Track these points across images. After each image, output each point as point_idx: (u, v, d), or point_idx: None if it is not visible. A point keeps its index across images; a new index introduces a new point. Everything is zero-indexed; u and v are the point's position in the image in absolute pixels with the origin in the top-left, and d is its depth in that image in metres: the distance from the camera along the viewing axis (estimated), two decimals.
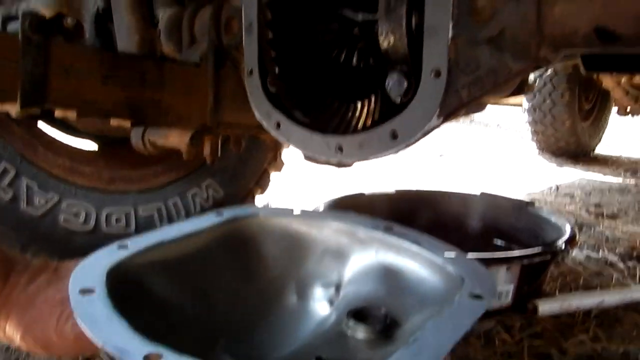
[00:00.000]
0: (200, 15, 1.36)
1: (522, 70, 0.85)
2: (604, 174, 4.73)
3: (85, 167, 1.66)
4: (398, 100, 0.96)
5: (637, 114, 4.76)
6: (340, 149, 1.05)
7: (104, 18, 1.46)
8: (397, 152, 1.01)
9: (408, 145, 0.98)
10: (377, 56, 1.09)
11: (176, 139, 1.29)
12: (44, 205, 1.56)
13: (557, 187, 4.09)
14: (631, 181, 4.42)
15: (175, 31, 1.45)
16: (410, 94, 0.96)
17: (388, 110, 1.09)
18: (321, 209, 1.85)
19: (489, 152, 5.83)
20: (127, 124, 1.15)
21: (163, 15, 1.52)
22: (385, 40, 0.94)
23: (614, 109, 5.03)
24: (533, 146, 5.36)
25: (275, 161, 2.11)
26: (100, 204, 1.66)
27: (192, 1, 1.61)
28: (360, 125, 1.12)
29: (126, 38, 1.27)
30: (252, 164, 2.02)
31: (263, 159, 2.05)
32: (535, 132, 5.14)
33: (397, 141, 0.96)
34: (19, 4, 1.28)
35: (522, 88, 1.28)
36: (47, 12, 1.08)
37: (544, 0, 0.75)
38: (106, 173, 1.70)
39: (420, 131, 0.93)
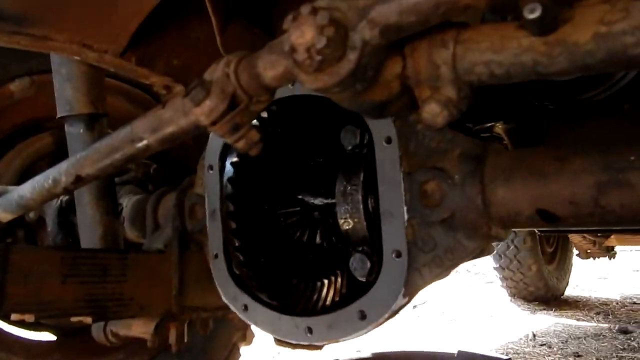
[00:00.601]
0: (163, 202, 1.40)
1: (477, 247, 0.87)
2: (577, 319, 4.72)
3: None
4: (363, 279, 0.97)
5: (599, 257, 4.88)
6: (310, 330, 1.03)
7: (67, 210, 1.48)
8: (366, 332, 0.99)
9: (377, 326, 0.97)
10: (339, 235, 1.12)
11: (140, 328, 1.25)
12: None
13: (534, 335, 4.03)
14: (605, 325, 4.40)
15: (139, 218, 1.47)
16: (374, 272, 0.97)
17: (355, 287, 1.10)
18: None
19: (462, 299, 5.78)
20: (87, 320, 1.11)
21: (127, 202, 1.56)
22: (345, 224, 0.97)
23: (576, 252, 5.16)
24: (504, 292, 5.37)
25: (244, 335, 2.04)
26: None
27: (156, 189, 1.66)
28: (328, 301, 1.12)
29: (89, 231, 1.28)
30: (220, 340, 1.94)
31: (231, 333, 1.98)
32: (504, 278, 5.18)
33: (365, 322, 0.95)
34: None
35: (483, 252, 1.31)
36: (8, 216, 1.10)
37: (487, 185, 0.80)
38: None
39: (388, 311, 0.93)
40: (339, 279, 1.13)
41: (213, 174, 1.17)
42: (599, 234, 4.09)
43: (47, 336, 1.79)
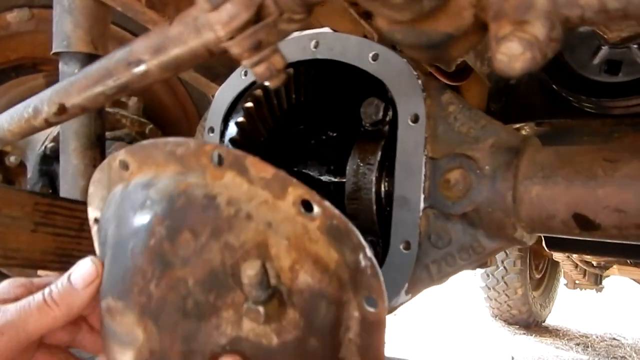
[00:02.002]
0: None
1: (496, 249, 0.78)
2: (557, 347, 4.65)
3: None
4: None
5: (585, 288, 4.81)
6: None
7: (50, 158, 1.38)
8: None
9: None
10: None
11: None
12: None
13: (512, 358, 3.97)
14: (583, 357, 4.34)
15: None
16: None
17: None
18: None
19: (443, 313, 5.71)
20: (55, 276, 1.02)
21: None
22: (352, 205, 0.88)
23: (563, 281, 5.10)
24: (486, 310, 5.30)
25: None
26: None
27: None
28: None
29: (71, 181, 1.17)
30: None
31: None
32: (488, 298, 5.11)
33: None
34: None
35: (485, 262, 1.22)
36: None
37: (521, 181, 0.71)
38: None
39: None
40: None
41: (213, 136, 1.07)
42: (602, 263, 4.01)
43: None
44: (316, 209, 0.54)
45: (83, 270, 0.63)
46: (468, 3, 0.35)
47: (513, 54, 0.34)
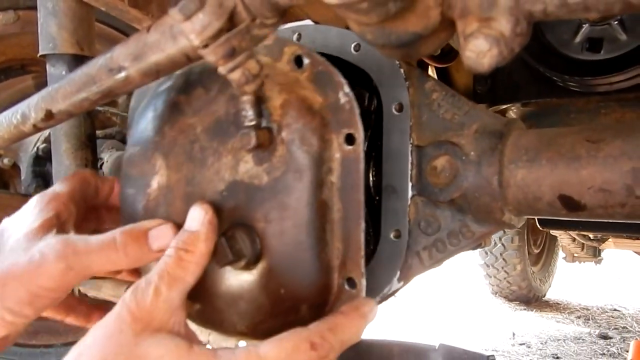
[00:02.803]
0: None
1: (485, 233, 0.80)
2: (558, 321, 4.70)
3: None
4: None
5: (584, 261, 4.85)
6: None
7: (43, 159, 1.39)
8: None
9: None
10: None
11: (110, 291, 1.16)
12: None
13: (514, 334, 4.01)
14: (585, 329, 4.38)
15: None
16: (367, 252, 0.89)
17: None
18: None
19: (443, 293, 5.76)
20: None
21: (108, 158, 1.46)
22: None
23: (561, 255, 5.13)
24: (486, 288, 5.34)
25: None
26: None
27: None
28: None
29: None
30: None
31: None
32: (488, 275, 5.14)
33: None
34: None
35: (480, 243, 1.23)
36: None
37: (506, 165, 0.72)
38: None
39: (378, 295, 0.85)
40: None
41: None
42: (598, 236, 4.04)
43: None
44: (306, 61, 0.63)
45: (162, 234, 0.63)
46: (434, 2, 0.35)
47: (481, 51, 0.35)
